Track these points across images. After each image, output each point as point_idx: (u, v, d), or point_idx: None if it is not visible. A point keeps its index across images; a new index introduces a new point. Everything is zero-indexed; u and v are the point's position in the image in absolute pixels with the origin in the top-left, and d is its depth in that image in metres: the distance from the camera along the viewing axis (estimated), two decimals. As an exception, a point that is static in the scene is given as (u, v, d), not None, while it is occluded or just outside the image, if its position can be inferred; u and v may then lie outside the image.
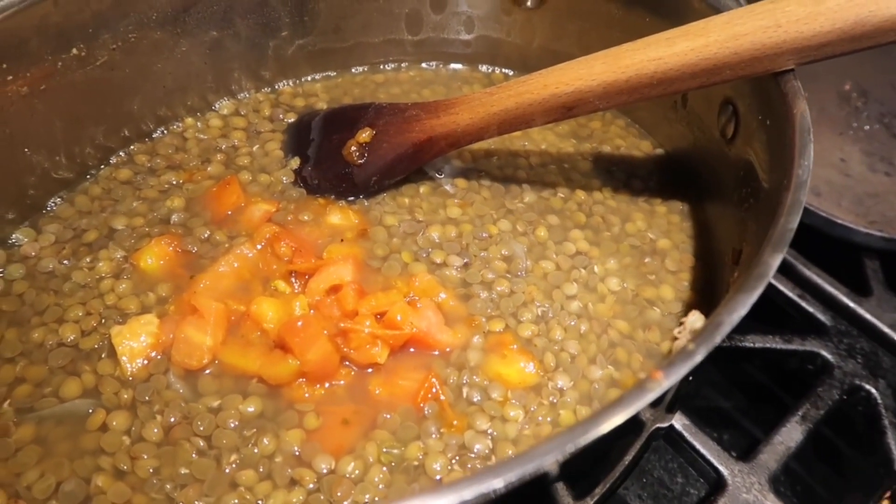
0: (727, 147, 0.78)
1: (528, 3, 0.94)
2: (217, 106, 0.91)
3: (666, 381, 0.42)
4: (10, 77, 0.68)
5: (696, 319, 0.58)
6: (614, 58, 0.69)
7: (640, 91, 0.69)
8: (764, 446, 0.78)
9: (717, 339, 0.45)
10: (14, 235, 0.75)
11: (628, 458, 0.67)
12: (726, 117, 0.78)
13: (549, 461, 0.38)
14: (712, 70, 0.65)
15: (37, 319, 0.69)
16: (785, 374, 0.92)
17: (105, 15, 0.73)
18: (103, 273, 0.73)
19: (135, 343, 0.67)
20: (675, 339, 0.58)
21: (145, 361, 0.67)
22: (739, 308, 0.47)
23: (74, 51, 0.72)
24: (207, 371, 0.67)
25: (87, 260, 0.74)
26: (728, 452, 0.77)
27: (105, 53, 0.75)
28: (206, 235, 0.77)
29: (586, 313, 0.74)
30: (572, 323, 0.73)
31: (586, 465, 0.40)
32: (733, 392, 0.96)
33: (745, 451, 0.78)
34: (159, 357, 0.67)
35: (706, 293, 0.77)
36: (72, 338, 0.68)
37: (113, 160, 0.84)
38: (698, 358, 0.44)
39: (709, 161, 0.83)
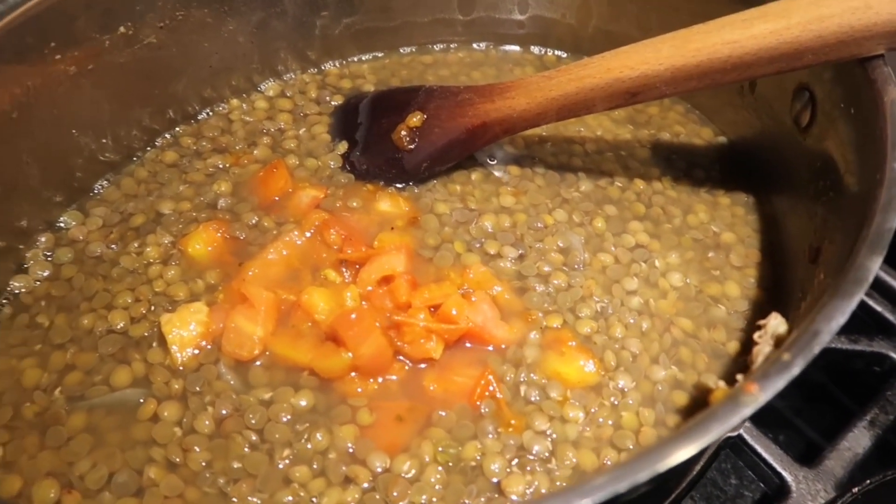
0: (801, 136, 0.73)
1: (586, -18, 0.90)
2: (262, 87, 0.89)
3: (762, 395, 0.39)
4: (58, 56, 0.66)
5: (778, 323, 0.54)
6: (683, 40, 0.65)
7: (711, 77, 0.65)
8: (830, 452, 0.74)
9: (816, 349, 0.42)
10: (62, 218, 0.74)
11: (697, 468, 0.64)
12: (801, 104, 0.73)
13: (642, 479, 0.35)
14: (793, 55, 0.61)
15: (86, 305, 0.68)
16: (846, 376, 0.88)
17: (153, -9, 0.71)
18: (151, 259, 0.72)
19: (185, 332, 0.65)
20: (756, 343, 0.55)
21: (196, 351, 0.65)
22: (838, 315, 0.44)
23: (122, 29, 0.70)
24: (258, 362, 0.65)
25: (135, 245, 0.73)
26: (790, 457, 0.73)
27: (152, 32, 0.73)
28: (253, 221, 0.75)
29: (647, 310, 0.71)
30: (632, 320, 0.70)
31: (657, 479, 0.38)
32: (787, 391, 0.92)
33: (802, 455, 0.75)
34: (209, 347, 0.66)
35: (775, 291, 0.73)
36: (121, 325, 0.67)
37: (158, 142, 0.82)
38: (796, 370, 0.41)
39: (778, 150, 0.79)
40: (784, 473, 0.71)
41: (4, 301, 0.68)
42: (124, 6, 0.70)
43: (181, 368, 0.64)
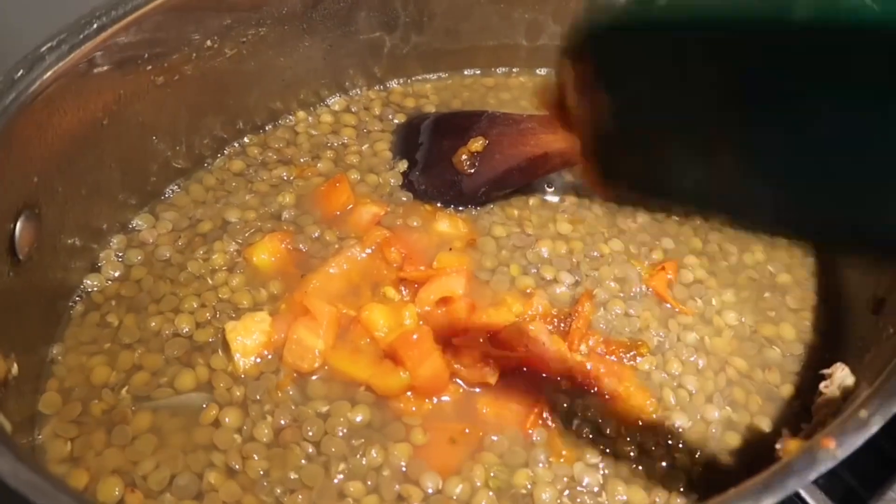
0: (867, 183, 0.73)
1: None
2: (329, 101, 0.91)
3: (840, 452, 0.39)
4: (150, 67, 0.68)
5: (845, 376, 0.54)
6: None
7: None
8: (874, 501, 0.73)
9: (894, 408, 0.42)
10: (134, 221, 0.76)
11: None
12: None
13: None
14: None
15: (154, 307, 0.70)
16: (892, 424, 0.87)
17: (240, 8, 0.73)
18: (217, 265, 0.73)
19: (248, 340, 0.67)
20: (821, 393, 0.55)
21: (258, 360, 0.67)
22: (917, 377, 0.43)
23: (209, 42, 0.73)
24: (316, 375, 0.67)
25: (202, 251, 0.75)
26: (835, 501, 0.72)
27: (235, 46, 0.75)
28: (316, 235, 0.77)
29: (703, 347, 0.71)
30: (689, 357, 0.70)
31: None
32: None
33: (842, 500, 0.74)
34: (270, 356, 0.67)
35: (831, 337, 0.72)
36: (186, 329, 0.69)
37: (227, 151, 0.84)
38: (874, 428, 0.41)
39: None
40: (828, 520, 0.71)
41: (77, 299, 0.71)
42: (215, 21, 0.72)
43: (243, 376, 0.66)
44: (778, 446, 0.52)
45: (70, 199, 0.67)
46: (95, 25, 0.61)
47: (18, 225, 0.59)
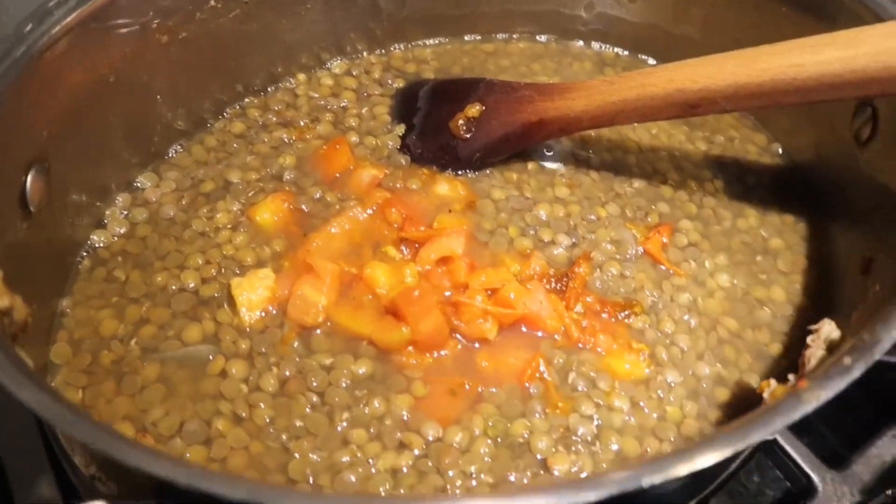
0: (858, 150, 0.75)
1: (654, -18, 0.91)
2: (330, 65, 0.91)
3: (823, 394, 0.42)
4: (155, 25, 0.69)
5: (831, 330, 0.56)
6: (750, 59, 0.66)
7: (772, 97, 0.66)
8: (858, 457, 0.76)
9: (876, 355, 0.44)
10: (139, 179, 0.78)
11: (730, 469, 0.66)
12: (863, 120, 0.74)
13: (711, 461, 0.38)
14: (858, 84, 0.61)
15: (159, 264, 0.72)
16: (879, 387, 0.89)
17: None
18: (221, 224, 0.75)
19: (253, 295, 0.69)
20: (808, 346, 0.57)
21: (262, 314, 0.68)
22: (898, 325, 0.46)
23: (213, 2, 0.73)
24: (319, 330, 0.68)
25: (205, 210, 0.76)
26: (819, 459, 0.75)
27: (237, 6, 0.76)
28: (317, 196, 0.78)
29: (696, 307, 0.73)
30: (682, 316, 0.72)
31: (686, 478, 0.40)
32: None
33: (826, 459, 0.77)
34: (274, 311, 0.69)
35: (821, 299, 0.75)
36: (192, 285, 0.70)
37: (227, 113, 0.85)
38: (856, 373, 0.43)
39: (833, 162, 0.80)
40: (812, 474, 0.73)
41: (84, 254, 0.72)
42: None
43: (248, 330, 0.68)
44: (765, 394, 0.54)
45: (77, 156, 0.68)
46: (103, -20, 0.62)
47: (29, 178, 0.61)
